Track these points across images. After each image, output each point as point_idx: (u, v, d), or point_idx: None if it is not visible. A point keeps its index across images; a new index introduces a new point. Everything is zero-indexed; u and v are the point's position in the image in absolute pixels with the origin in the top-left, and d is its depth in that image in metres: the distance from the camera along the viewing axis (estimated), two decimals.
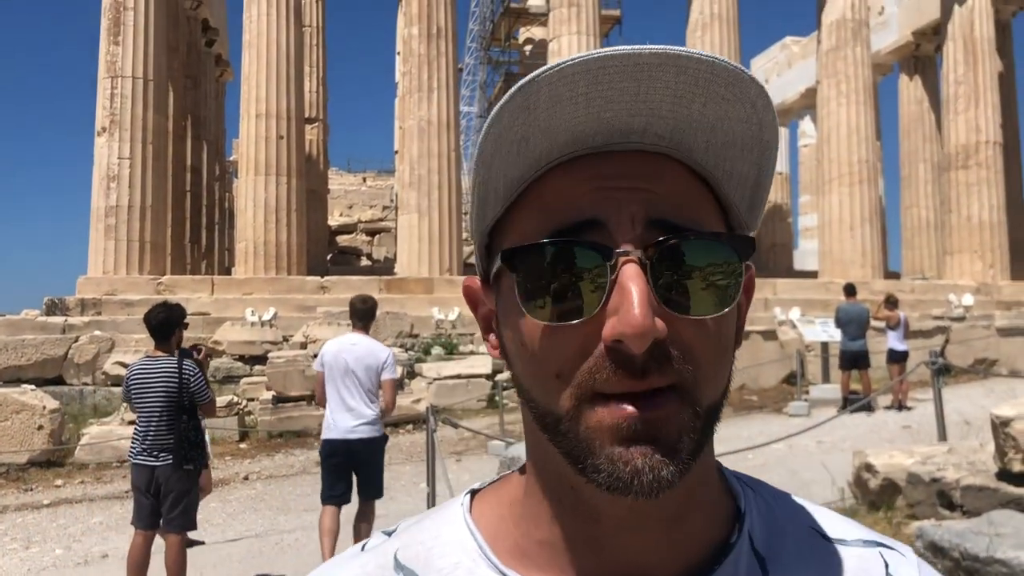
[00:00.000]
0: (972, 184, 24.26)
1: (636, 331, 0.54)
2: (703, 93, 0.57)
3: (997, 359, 17.76)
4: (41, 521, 8.15)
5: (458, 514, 0.71)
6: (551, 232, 0.59)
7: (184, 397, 5.25)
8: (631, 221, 0.58)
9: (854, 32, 23.44)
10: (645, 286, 0.56)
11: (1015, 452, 4.42)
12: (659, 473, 0.55)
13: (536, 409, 0.61)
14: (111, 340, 14.93)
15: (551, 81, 0.56)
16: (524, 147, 0.60)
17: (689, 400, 0.57)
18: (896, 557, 0.70)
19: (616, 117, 0.58)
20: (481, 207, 0.65)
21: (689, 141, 0.60)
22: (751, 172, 0.63)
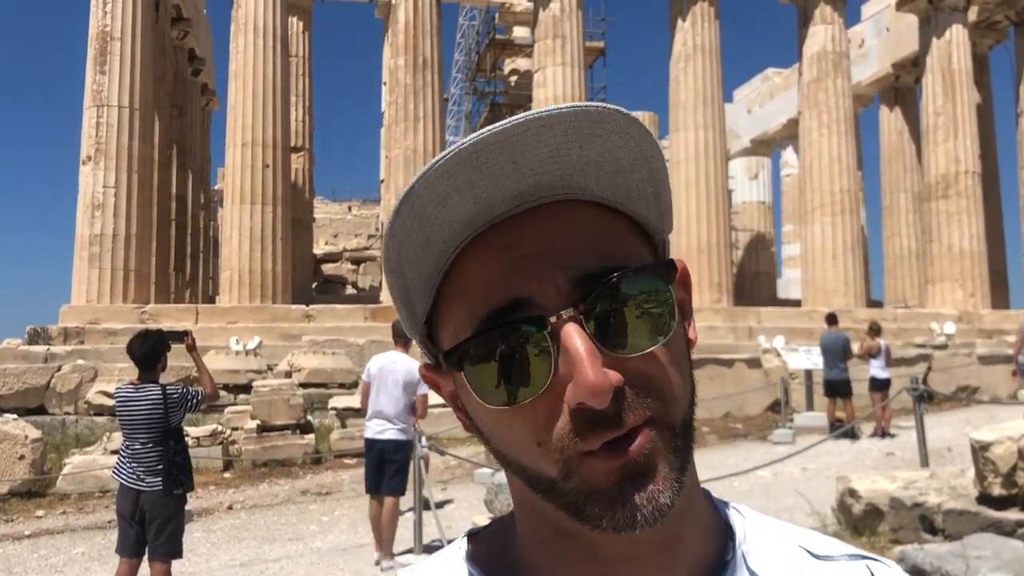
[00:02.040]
0: (952, 213, 24.52)
1: (592, 391, 0.55)
2: (576, 138, 0.58)
3: (979, 387, 17.89)
4: (22, 552, 8.06)
5: (459, 558, 0.72)
6: (482, 317, 0.60)
7: (171, 422, 5.24)
8: (554, 286, 0.59)
9: (835, 64, 23.76)
10: (588, 343, 0.57)
11: (994, 476, 4.47)
12: (658, 502, 0.57)
13: (525, 475, 0.62)
14: (94, 369, 14.84)
15: (430, 183, 0.58)
16: (427, 248, 0.61)
17: (664, 425, 0.59)
18: (882, 569, 0.72)
19: (503, 188, 0.59)
20: (408, 307, 0.67)
21: (580, 182, 0.61)
22: (647, 187, 0.65)
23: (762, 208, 36.52)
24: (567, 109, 0.57)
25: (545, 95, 21.80)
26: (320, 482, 11.00)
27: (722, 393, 15.58)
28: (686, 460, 0.61)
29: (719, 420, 15.26)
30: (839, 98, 23.66)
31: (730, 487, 8.99)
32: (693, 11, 22.70)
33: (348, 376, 15.66)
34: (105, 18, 19.57)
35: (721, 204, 22.49)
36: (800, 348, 16.30)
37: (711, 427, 14.44)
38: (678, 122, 22.74)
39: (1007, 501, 4.50)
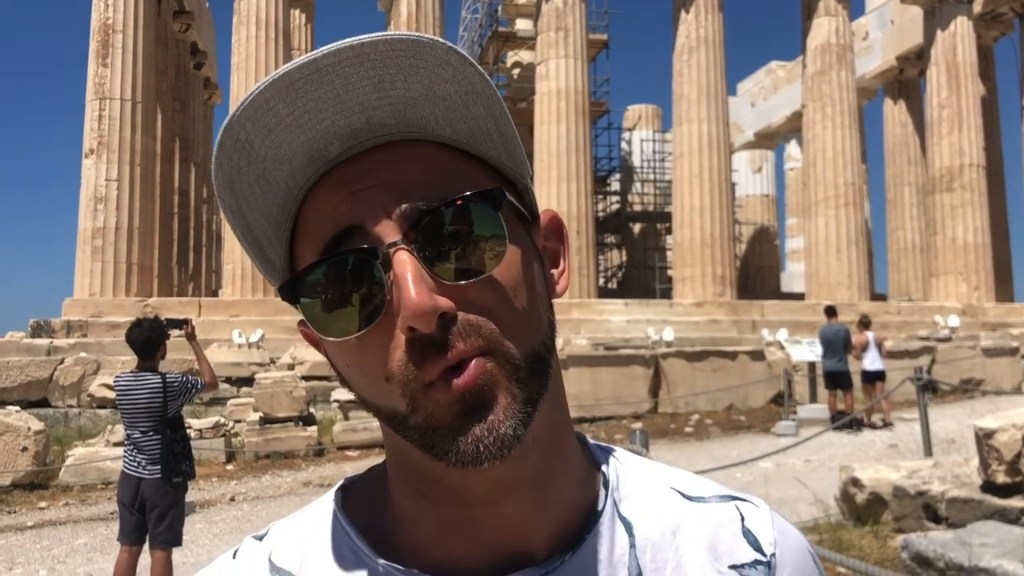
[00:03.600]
0: (957, 206, 24.48)
1: (417, 311, 0.55)
2: (398, 70, 0.58)
3: (983, 379, 17.85)
4: (25, 543, 8.07)
5: (329, 510, 0.70)
6: (320, 251, 0.60)
7: (170, 411, 5.23)
8: (386, 214, 0.59)
9: (839, 56, 23.69)
10: (417, 268, 0.56)
11: (998, 464, 4.44)
12: (498, 432, 0.56)
13: (381, 413, 0.62)
14: (97, 362, 14.85)
15: (250, 115, 0.57)
16: (264, 184, 0.60)
17: (502, 355, 0.58)
18: (750, 508, 0.73)
19: (333, 124, 0.59)
20: (259, 252, 0.66)
21: (416, 119, 0.61)
22: (488, 124, 0.64)
23: (766, 201, 36.49)
24: (378, 38, 0.56)
25: (548, 87, 21.77)
26: (323, 474, 10.99)
27: (725, 386, 15.56)
28: (534, 392, 0.60)
29: (722, 412, 15.25)
30: (843, 91, 23.60)
31: (733, 478, 8.97)
32: (696, 3, 22.64)
33: None
34: (107, 11, 19.57)
35: (724, 197, 22.44)
36: (803, 341, 16.28)
37: (714, 419, 14.43)
38: (681, 115, 22.68)
39: (1011, 489, 4.48)
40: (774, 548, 0.71)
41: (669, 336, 17.72)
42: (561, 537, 0.65)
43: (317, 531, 0.69)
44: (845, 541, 5.55)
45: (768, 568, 0.69)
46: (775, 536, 0.71)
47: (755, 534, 0.71)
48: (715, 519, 0.71)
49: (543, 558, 0.64)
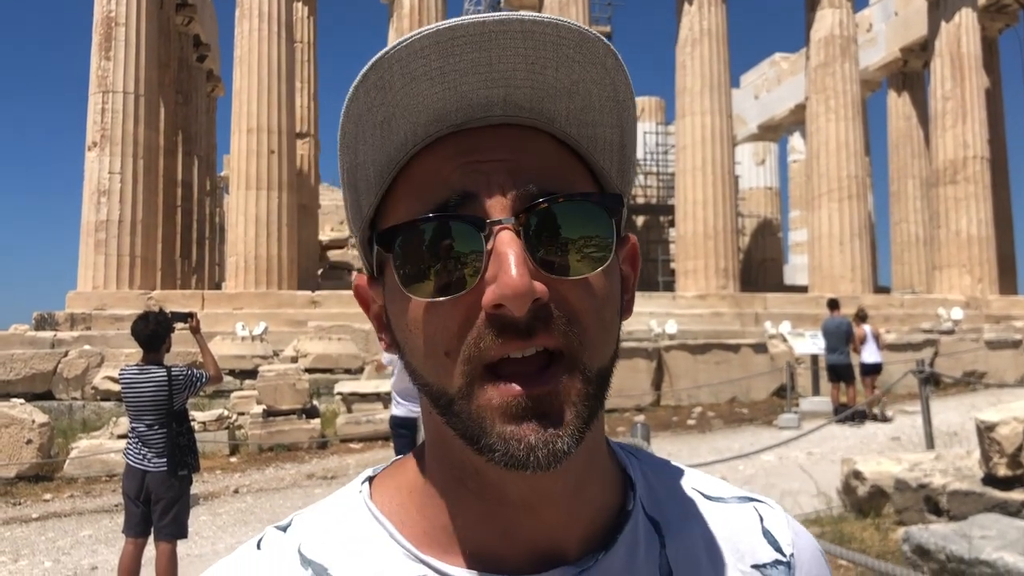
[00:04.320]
0: (960, 199, 24.43)
1: (515, 291, 0.55)
2: (554, 57, 0.58)
3: (986, 372, 17.85)
4: (30, 535, 8.09)
5: (358, 501, 0.69)
6: (426, 212, 0.60)
7: (175, 404, 5.25)
8: (501, 191, 0.59)
9: (843, 49, 23.63)
10: (521, 250, 0.56)
11: (1000, 457, 4.45)
12: (554, 447, 0.56)
13: (430, 391, 0.62)
14: (101, 355, 14.89)
15: (402, 57, 0.56)
16: (387, 129, 0.60)
17: (578, 367, 0.58)
18: (767, 510, 0.76)
19: (473, 90, 0.58)
20: (354, 196, 0.65)
21: (550, 110, 0.61)
22: (614, 136, 0.64)
23: (769, 194, 36.42)
24: (548, 19, 0.56)
25: None
26: (326, 466, 11.02)
27: (728, 378, 15.57)
28: (594, 411, 0.60)
29: (725, 405, 15.26)
30: (847, 83, 23.54)
31: (735, 471, 8.99)
32: None
33: (354, 361, 15.69)
34: (110, 4, 19.56)
35: (728, 190, 22.41)
36: (806, 333, 16.28)
37: (717, 412, 14.44)
38: (684, 107, 22.65)
39: (1012, 482, 4.49)
40: (792, 548, 0.74)
41: (672, 329, 17.72)
42: (593, 537, 0.66)
43: (347, 522, 0.68)
44: (847, 533, 5.57)
45: (788, 568, 0.72)
46: (792, 537, 0.75)
47: (774, 535, 0.74)
48: (736, 520, 0.74)
49: (576, 558, 0.65)
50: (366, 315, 0.71)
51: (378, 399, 12.97)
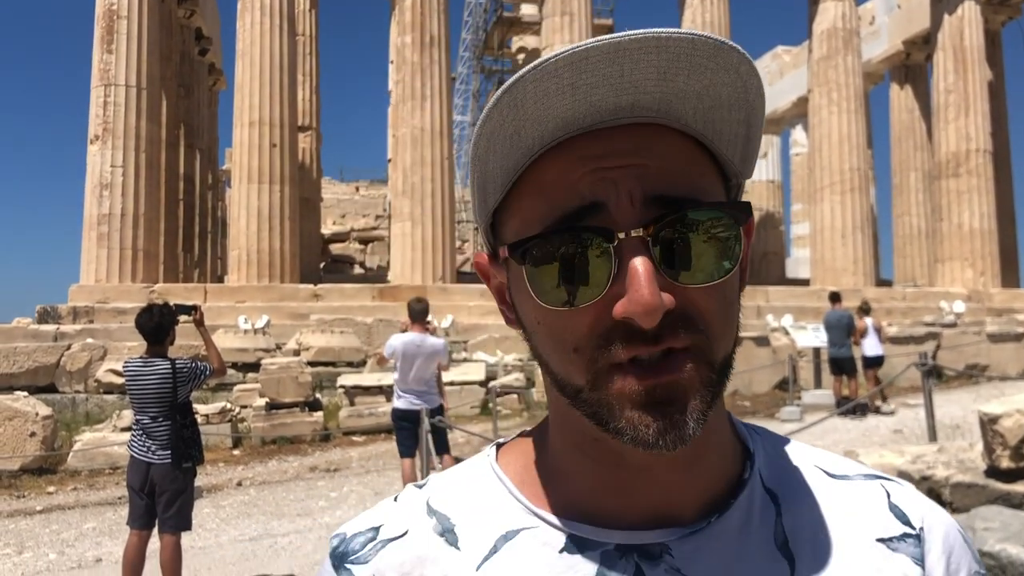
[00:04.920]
0: (963, 192, 24.40)
1: (645, 309, 0.57)
2: (687, 67, 0.59)
3: (988, 364, 17.85)
4: (34, 527, 8.12)
5: (485, 463, 0.75)
6: (554, 218, 0.62)
7: (179, 396, 5.26)
8: (630, 200, 0.60)
9: (845, 41, 23.60)
10: (650, 264, 0.59)
11: (1003, 449, 4.46)
12: (681, 431, 0.60)
13: (556, 379, 0.65)
14: (103, 348, 14.92)
15: (536, 78, 0.58)
16: (516, 139, 0.62)
17: (704, 359, 0.61)
18: (896, 486, 0.75)
19: (603, 99, 0.60)
20: (482, 195, 0.68)
21: (678, 110, 0.62)
22: (740, 129, 0.65)
23: (771, 187, 36.41)
24: (685, 35, 0.58)
25: None
26: (329, 459, 11.05)
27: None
28: (717, 394, 0.63)
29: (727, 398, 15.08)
30: (849, 76, 23.51)
31: None
32: None
33: (356, 355, 15.71)
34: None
35: None
36: (808, 326, 16.28)
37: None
38: None
39: (1015, 474, 4.50)
40: (923, 523, 0.72)
41: None
42: (710, 503, 0.68)
43: (473, 480, 0.74)
44: None
45: (918, 540, 0.70)
46: (924, 512, 0.73)
47: (903, 509, 0.72)
48: (860, 495, 0.73)
49: (690, 520, 0.67)
50: (487, 287, 0.75)
51: (380, 392, 12.99)
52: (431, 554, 0.69)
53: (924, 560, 0.69)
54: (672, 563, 0.65)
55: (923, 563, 0.69)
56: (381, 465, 10.51)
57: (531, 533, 0.68)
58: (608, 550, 0.66)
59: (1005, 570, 3.46)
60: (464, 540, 0.70)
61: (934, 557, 0.70)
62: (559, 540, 0.67)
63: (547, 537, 0.68)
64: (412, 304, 8.02)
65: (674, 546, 0.66)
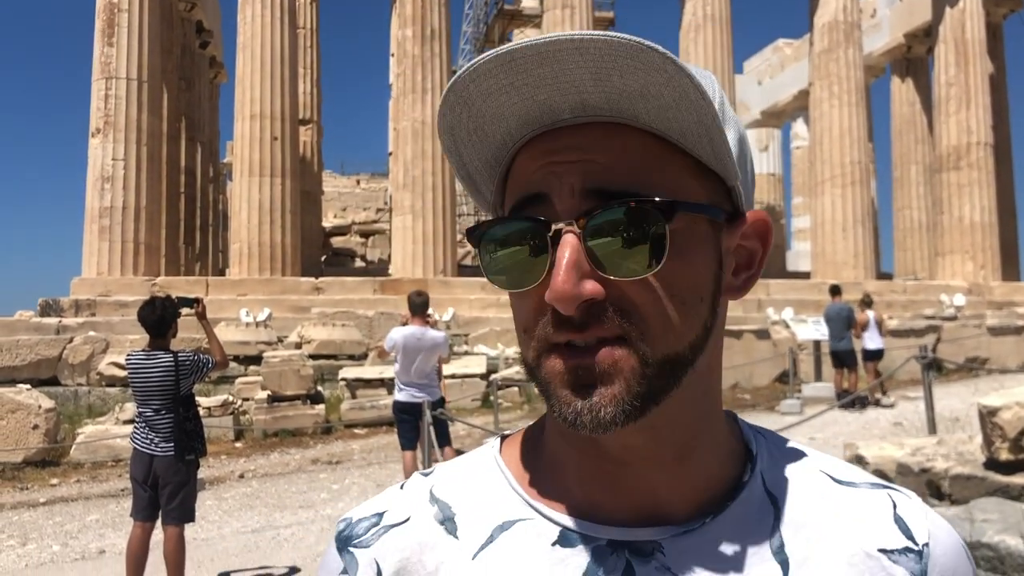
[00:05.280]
0: (964, 185, 24.40)
1: (560, 297, 0.60)
2: (615, 67, 0.59)
3: (988, 358, 17.88)
4: (37, 519, 8.16)
5: (489, 455, 0.78)
6: (510, 208, 0.66)
7: (182, 389, 5.29)
8: (570, 192, 0.63)
9: (846, 34, 23.57)
10: (575, 254, 0.61)
11: (1002, 441, 4.48)
12: (597, 414, 0.61)
13: (521, 356, 0.69)
14: (105, 341, 14.94)
15: (473, 78, 0.61)
16: (481, 134, 0.66)
17: (635, 350, 0.62)
18: (903, 498, 0.73)
19: (550, 98, 0.62)
20: (473, 187, 0.72)
21: (629, 109, 0.63)
22: (700, 130, 0.64)
23: (772, 180, 36.41)
24: (598, 36, 0.58)
25: None
26: (330, 451, 11.09)
27: (730, 364, 15.59)
28: (655, 389, 0.63)
29: (727, 391, 15.30)
30: (850, 69, 23.49)
31: None
32: None
33: (357, 348, 15.74)
34: None
35: None
36: (809, 320, 16.30)
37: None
38: None
39: (1014, 466, 4.52)
40: (927, 539, 0.70)
41: None
42: (703, 504, 0.69)
43: (476, 471, 0.77)
44: None
45: (919, 557, 0.69)
46: (929, 528, 0.71)
47: (907, 522, 0.71)
48: (865, 503, 0.72)
49: (683, 520, 0.68)
50: None
51: (382, 385, 13.03)
52: (430, 541, 0.72)
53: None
54: (663, 561, 0.66)
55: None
56: (383, 458, 10.54)
57: (526, 525, 0.70)
58: (600, 545, 0.68)
59: (1003, 561, 3.49)
60: (463, 529, 0.72)
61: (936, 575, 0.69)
62: (553, 533, 0.69)
63: (541, 529, 0.69)
64: (412, 297, 8.06)
65: (666, 544, 0.67)
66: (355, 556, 0.73)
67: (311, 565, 6.19)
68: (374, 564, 0.72)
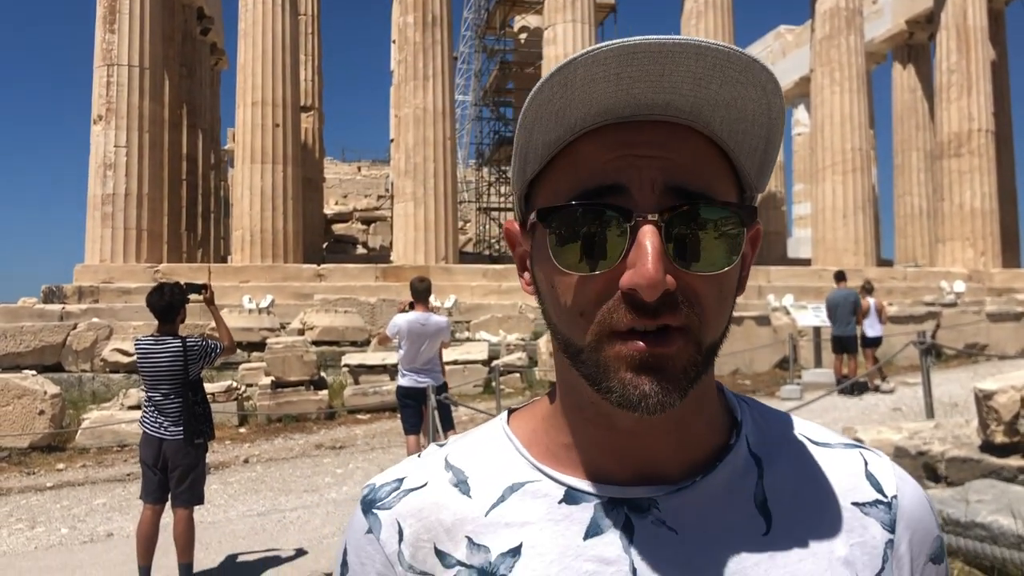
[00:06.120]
0: (964, 172, 24.41)
1: (649, 282, 0.64)
2: (720, 76, 0.65)
3: (987, 344, 17.94)
4: (45, 503, 8.24)
5: (498, 426, 0.85)
6: (580, 192, 0.69)
7: (191, 373, 5.36)
8: (651, 186, 0.67)
9: (848, 20, 23.54)
10: (659, 245, 0.65)
11: (997, 424, 4.56)
12: (662, 398, 0.67)
13: (562, 339, 0.73)
14: (109, 327, 15.01)
15: (587, 63, 0.65)
16: (561, 116, 0.69)
17: (694, 339, 0.68)
18: (873, 456, 0.83)
19: (643, 93, 0.67)
20: (522, 164, 0.75)
21: (707, 116, 0.69)
22: (760, 144, 0.73)
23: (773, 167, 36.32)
24: (722, 47, 0.65)
25: (555, 52, 21.69)
26: (334, 437, 11.17)
27: (731, 350, 15.65)
28: (701, 372, 0.70)
29: (728, 377, 15.38)
30: (852, 55, 23.46)
31: None
32: None
33: (360, 334, 15.81)
34: None
35: None
36: (809, 306, 16.35)
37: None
38: None
39: (1009, 449, 4.60)
40: (895, 491, 0.79)
41: None
42: (694, 464, 0.76)
43: (486, 440, 0.84)
44: None
45: (889, 508, 0.78)
46: (896, 482, 0.80)
47: (877, 478, 0.80)
48: (840, 461, 0.81)
49: (677, 480, 0.75)
50: (511, 252, 0.83)
51: (385, 371, 13.11)
52: (446, 501, 0.79)
53: (895, 526, 0.77)
54: (658, 516, 0.74)
55: (893, 528, 0.77)
56: (386, 443, 10.63)
57: (535, 486, 0.77)
58: (602, 502, 0.75)
59: (996, 540, 3.57)
60: (476, 490, 0.79)
61: (904, 524, 0.78)
62: (559, 492, 0.76)
63: (548, 489, 0.77)
64: (415, 283, 8.09)
65: (661, 501, 0.74)
66: (378, 516, 0.81)
67: (317, 547, 6.27)
68: (395, 523, 0.80)
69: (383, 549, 0.80)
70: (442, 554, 0.77)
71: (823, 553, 0.74)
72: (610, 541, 0.73)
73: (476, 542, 0.76)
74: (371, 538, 0.81)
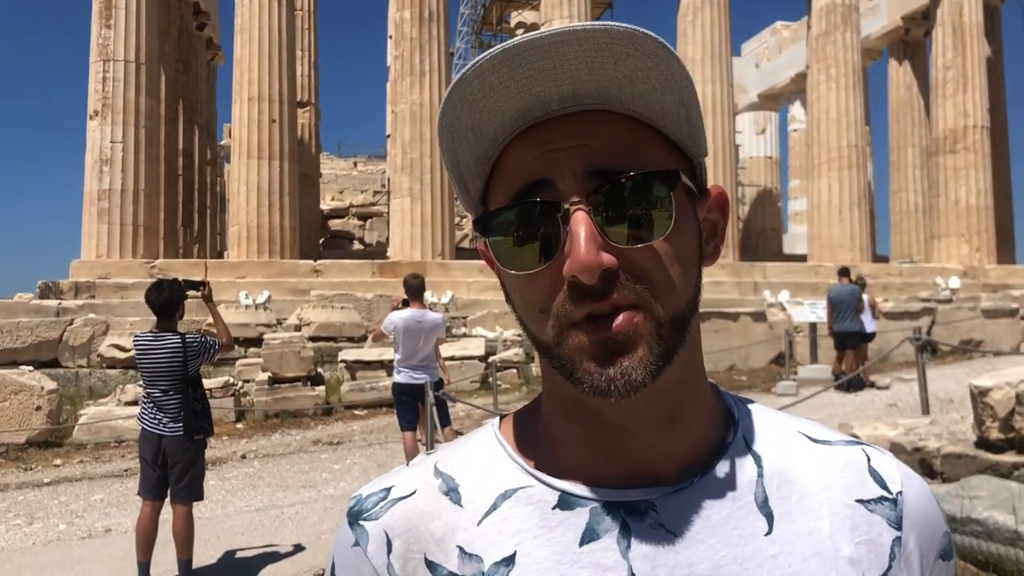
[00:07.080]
0: (960, 168, 24.45)
1: (583, 266, 0.65)
2: (610, 54, 0.66)
3: (982, 340, 18.01)
4: (43, 499, 8.26)
5: (489, 432, 0.83)
6: (512, 197, 0.70)
7: (190, 370, 5.37)
8: (573, 175, 0.68)
9: (844, 17, 23.55)
10: (591, 227, 0.66)
11: (992, 421, 4.58)
12: (630, 377, 0.66)
13: (532, 337, 0.74)
14: (105, 323, 15.01)
15: (479, 75, 0.67)
16: (478, 132, 0.70)
17: (649, 314, 0.68)
18: (876, 452, 0.81)
19: (545, 90, 0.68)
20: (461, 183, 0.76)
21: (615, 95, 0.69)
22: (680, 111, 0.73)
23: (769, 163, 36.40)
24: (599, 26, 0.66)
25: None
26: (331, 432, 11.19)
27: (727, 346, 15.71)
28: (670, 347, 0.69)
29: (724, 373, 15.42)
30: (848, 52, 23.47)
31: None
32: None
33: (356, 330, 15.82)
34: None
35: (728, 160, 22.45)
36: (805, 302, 16.40)
37: (716, 379, 14.20)
38: None
39: (1004, 445, 4.62)
40: (900, 488, 0.77)
41: None
42: (691, 464, 0.75)
43: (477, 446, 0.83)
44: None
45: (894, 504, 0.76)
46: (901, 477, 0.78)
47: (881, 474, 0.78)
48: (842, 458, 0.79)
49: (673, 480, 0.74)
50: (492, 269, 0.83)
51: (382, 367, 13.12)
52: (436, 510, 0.77)
53: (901, 523, 0.75)
54: (656, 518, 0.72)
55: (899, 526, 0.75)
56: (383, 438, 10.65)
57: (527, 492, 0.76)
58: (597, 507, 0.73)
59: (992, 536, 3.60)
60: (467, 498, 0.77)
61: (910, 521, 0.76)
62: (553, 498, 0.75)
63: (542, 495, 0.75)
64: (409, 280, 8.08)
65: (658, 503, 0.73)
66: (365, 528, 0.79)
67: (315, 542, 6.29)
68: (383, 534, 0.78)
69: (371, 562, 0.78)
70: (433, 565, 0.75)
71: (828, 552, 0.73)
72: (607, 546, 0.72)
73: (468, 552, 0.75)
74: (358, 551, 0.78)
